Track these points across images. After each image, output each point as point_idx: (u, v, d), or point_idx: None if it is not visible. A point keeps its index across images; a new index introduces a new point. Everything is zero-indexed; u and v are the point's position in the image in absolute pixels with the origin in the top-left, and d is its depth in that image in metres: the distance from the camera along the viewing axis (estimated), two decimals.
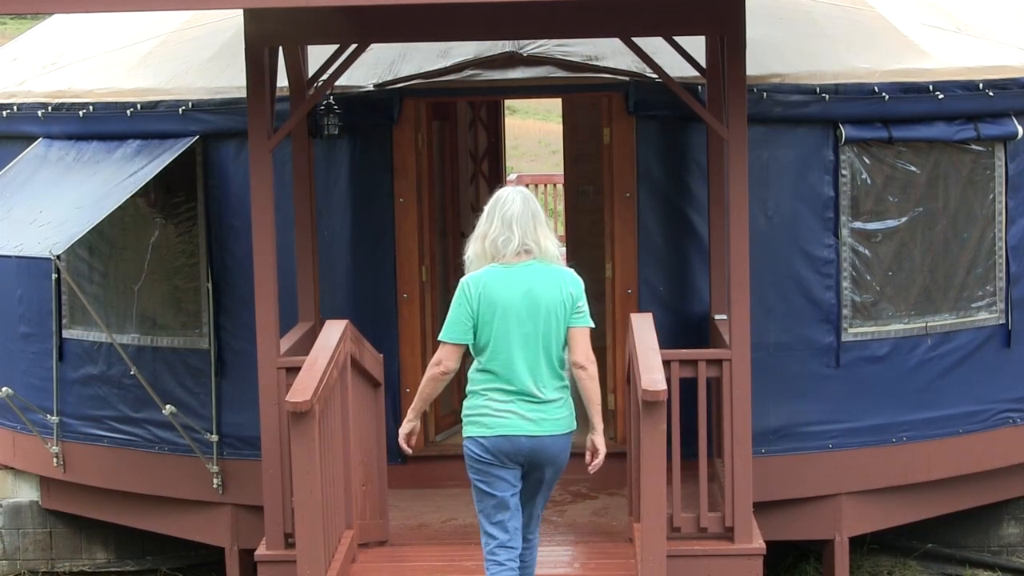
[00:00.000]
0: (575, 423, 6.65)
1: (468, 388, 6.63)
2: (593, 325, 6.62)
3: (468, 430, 6.58)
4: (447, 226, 10.82)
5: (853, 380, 9.53)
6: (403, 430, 6.88)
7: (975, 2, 10.46)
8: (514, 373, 6.46)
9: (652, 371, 7.38)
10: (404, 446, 6.88)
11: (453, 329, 6.52)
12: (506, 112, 18.51)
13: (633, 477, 8.16)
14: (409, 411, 6.84)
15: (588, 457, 6.65)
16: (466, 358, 6.72)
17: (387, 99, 9.47)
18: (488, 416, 6.50)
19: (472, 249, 6.60)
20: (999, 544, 10.47)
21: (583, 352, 6.49)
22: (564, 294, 6.50)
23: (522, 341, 6.46)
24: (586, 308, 6.55)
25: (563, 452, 6.57)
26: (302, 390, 7.12)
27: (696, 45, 8.78)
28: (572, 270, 6.64)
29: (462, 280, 6.56)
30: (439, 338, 6.61)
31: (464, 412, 6.63)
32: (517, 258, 6.48)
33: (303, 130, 9.18)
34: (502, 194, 6.59)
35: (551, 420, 6.49)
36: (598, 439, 6.60)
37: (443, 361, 6.56)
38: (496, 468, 6.53)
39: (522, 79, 9.49)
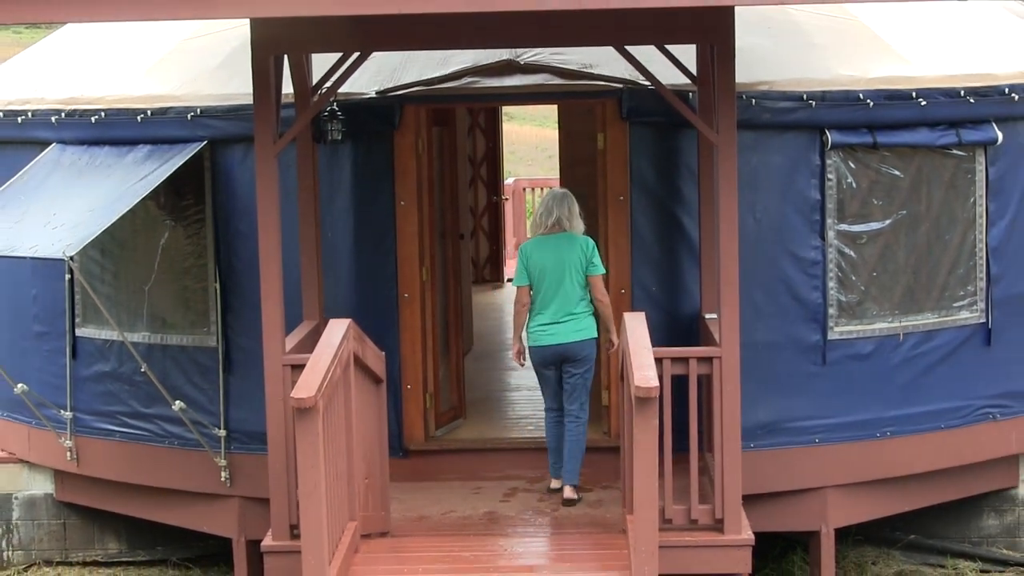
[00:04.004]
0: (594, 332, 9.09)
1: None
2: (604, 271, 9.09)
3: (528, 343, 9.22)
4: (446, 228, 10.80)
5: (839, 377, 9.52)
6: (513, 351, 9.34)
7: (955, 14, 10.45)
8: (548, 305, 9.05)
9: (645, 368, 7.38)
10: (518, 362, 9.32)
11: (518, 277, 9.17)
12: (504, 118, 18.53)
13: (626, 471, 8.15)
14: (513, 339, 9.34)
15: (608, 346, 9.21)
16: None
17: (388, 105, 9.46)
18: (532, 334, 9.14)
19: (531, 221, 9.58)
20: (979, 535, 10.46)
21: (599, 290, 9.06)
22: (581, 254, 9.01)
23: (553, 285, 9.03)
24: (598, 260, 9.05)
25: (581, 349, 9.07)
26: (306, 387, 7.10)
27: (687, 53, 8.76)
28: (588, 237, 9.07)
29: (520, 245, 9.44)
30: (512, 284, 9.29)
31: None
32: (552, 229, 9.09)
33: (307, 135, 9.16)
34: (551, 190, 9.45)
35: (570, 332, 9.04)
36: (613, 336, 9.12)
37: (520, 298, 9.19)
38: (540, 367, 9.22)
39: (519, 86, 9.48)
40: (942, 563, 10.32)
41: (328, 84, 8.58)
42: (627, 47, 8.34)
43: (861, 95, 9.32)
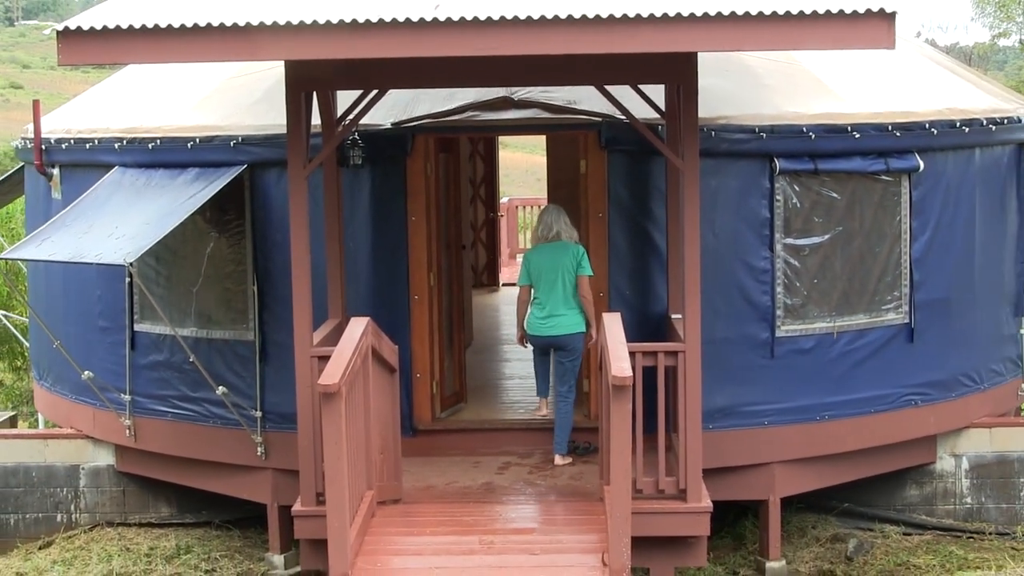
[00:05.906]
0: (582, 327, 9.17)
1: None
2: (592, 273, 9.14)
3: (528, 332, 9.35)
4: (450, 240, 10.76)
5: (784, 369, 9.50)
6: (517, 337, 9.59)
7: (883, 60, 10.43)
8: (544, 300, 9.19)
9: (620, 360, 7.35)
10: (521, 345, 9.58)
11: (521, 278, 9.36)
12: (500, 146, 18.49)
13: (604, 448, 8.12)
14: (516, 328, 9.52)
15: (587, 339, 9.24)
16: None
17: (402, 135, 9.43)
18: (531, 324, 9.28)
19: (533, 232, 9.61)
20: (902, 504, 10.44)
21: (584, 288, 9.15)
22: (572, 259, 9.14)
23: (548, 284, 9.17)
24: (586, 263, 9.13)
25: (570, 340, 9.18)
26: (331, 375, 7.07)
27: (657, 92, 8.73)
28: (580, 245, 9.24)
29: (525, 253, 9.60)
30: (517, 283, 9.43)
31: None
32: (551, 239, 9.24)
33: (333, 160, 9.13)
34: (546, 207, 9.55)
35: (560, 325, 9.16)
36: (593, 331, 9.15)
37: (521, 296, 9.40)
38: (535, 351, 9.43)
39: (513, 119, 9.44)
40: (871, 527, 10.30)
41: (351, 117, 8.55)
42: (606, 86, 8.31)
43: (804, 128, 9.31)
